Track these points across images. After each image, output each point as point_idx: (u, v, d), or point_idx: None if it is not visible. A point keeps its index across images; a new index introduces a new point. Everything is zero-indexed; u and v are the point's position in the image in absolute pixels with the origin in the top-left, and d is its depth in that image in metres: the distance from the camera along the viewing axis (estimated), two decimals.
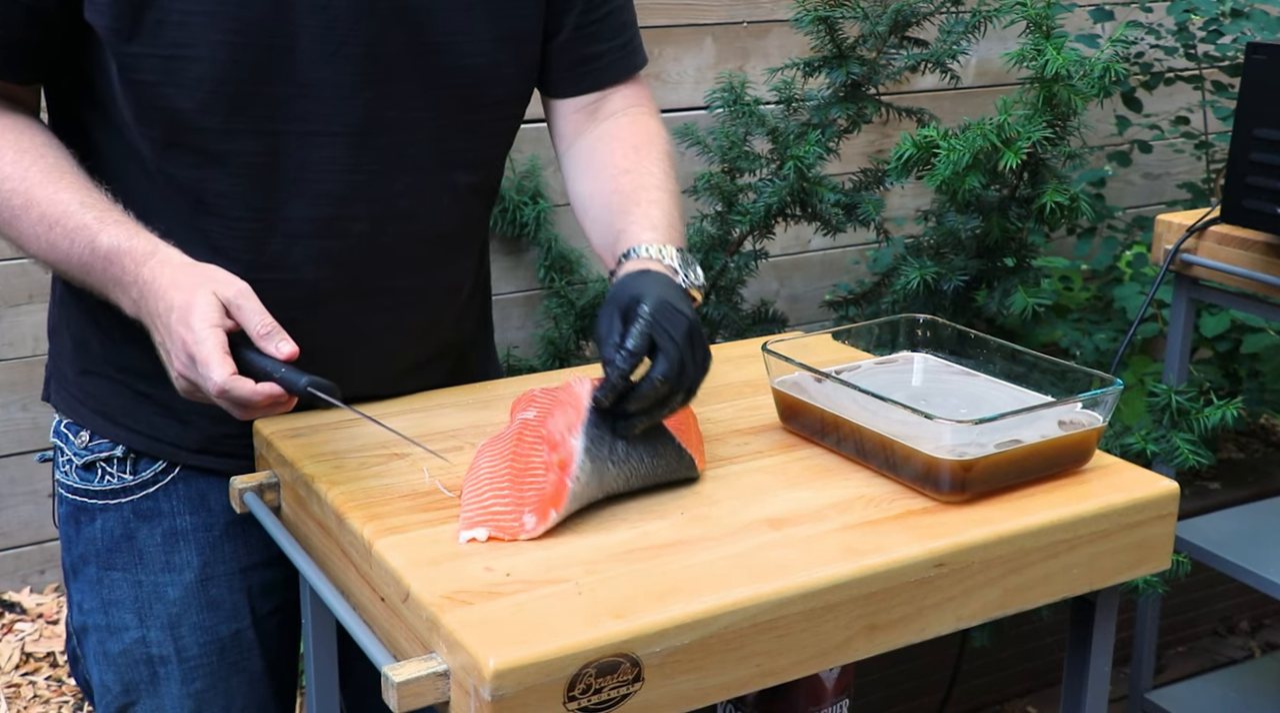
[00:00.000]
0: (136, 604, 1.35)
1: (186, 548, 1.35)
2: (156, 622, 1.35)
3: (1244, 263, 2.03)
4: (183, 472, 1.35)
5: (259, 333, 1.12)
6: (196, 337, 1.10)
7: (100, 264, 1.17)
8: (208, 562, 1.35)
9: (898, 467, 1.16)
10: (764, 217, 2.28)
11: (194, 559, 1.35)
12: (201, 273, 1.15)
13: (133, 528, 1.35)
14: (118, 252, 1.16)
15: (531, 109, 1.40)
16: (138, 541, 1.35)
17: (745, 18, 2.93)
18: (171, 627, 1.35)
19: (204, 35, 1.16)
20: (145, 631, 1.35)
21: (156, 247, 1.17)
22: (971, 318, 2.28)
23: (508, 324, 2.89)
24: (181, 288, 1.13)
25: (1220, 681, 2.56)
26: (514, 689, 0.90)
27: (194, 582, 1.35)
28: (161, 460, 1.34)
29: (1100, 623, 1.21)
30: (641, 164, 1.37)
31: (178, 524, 1.35)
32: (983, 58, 3.09)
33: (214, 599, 1.36)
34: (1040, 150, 2.10)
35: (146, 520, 1.35)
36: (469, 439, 1.26)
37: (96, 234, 1.17)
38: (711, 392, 1.38)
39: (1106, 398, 1.20)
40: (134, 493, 1.35)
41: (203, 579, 1.35)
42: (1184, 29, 2.97)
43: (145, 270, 1.15)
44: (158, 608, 1.35)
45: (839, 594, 1.02)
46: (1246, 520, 2.33)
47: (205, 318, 1.10)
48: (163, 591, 1.35)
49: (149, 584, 1.35)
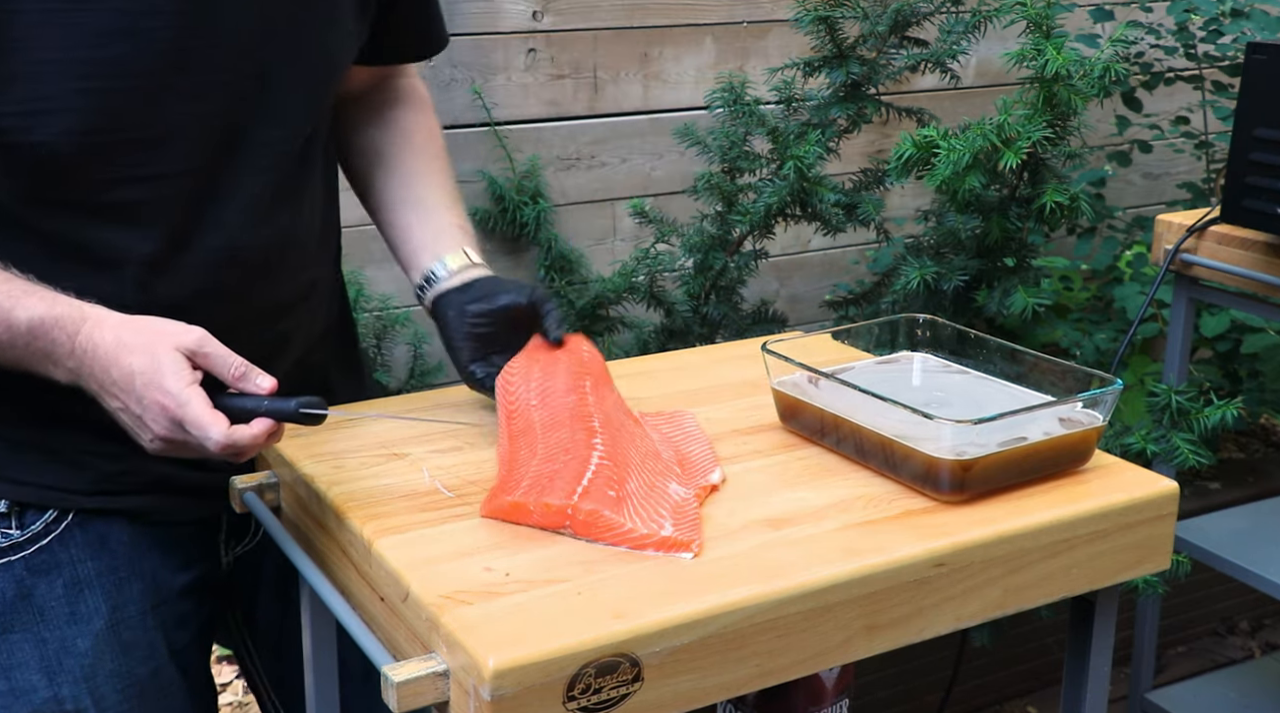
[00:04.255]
0: (43, 663, 1.26)
1: (92, 595, 1.27)
2: (68, 677, 1.26)
3: (1244, 263, 2.03)
4: (78, 517, 1.27)
5: (234, 376, 1.10)
6: (179, 400, 1.07)
7: (23, 340, 1.12)
8: (116, 605, 1.28)
9: (897, 467, 1.16)
10: (764, 217, 2.28)
11: (102, 606, 1.27)
12: (148, 328, 1.11)
13: (28, 585, 1.26)
14: (42, 325, 1.11)
15: (531, 109, 1.40)
16: (35, 598, 1.26)
17: (745, 18, 2.93)
18: (86, 679, 1.26)
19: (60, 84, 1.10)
20: (56, 688, 1.26)
21: (83, 311, 1.12)
22: (971, 318, 2.28)
23: None
24: (134, 350, 1.09)
25: (1220, 681, 2.56)
26: (514, 689, 0.90)
27: (104, 628, 1.27)
28: (52, 509, 1.27)
29: (1100, 623, 1.21)
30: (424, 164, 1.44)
31: (79, 572, 1.27)
32: (983, 58, 3.09)
33: (127, 643, 1.29)
34: (1040, 150, 2.10)
35: (44, 575, 1.26)
36: (468, 439, 1.26)
37: (11, 311, 1.11)
38: (712, 392, 1.38)
39: (1106, 398, 1.20)
40: (25, 548, 1.26)
41: (113, 624, 1.28)
42: (1184, 29, 2.97)
43: (81, 338, 1.11)
44: (68, 663, 1.26)
45: (839, 594, 1.02)
46: (1246, 520, 2.33)
47: (179, 378, 1.08)
48: (71, 644, 1.26)
49: (54, 641, 1.26)
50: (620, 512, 1.07)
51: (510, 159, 2.71)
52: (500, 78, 2.68)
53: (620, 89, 2.80)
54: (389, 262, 1.44)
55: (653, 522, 1.07)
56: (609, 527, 1.06)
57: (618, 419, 1.21)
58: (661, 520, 1.07)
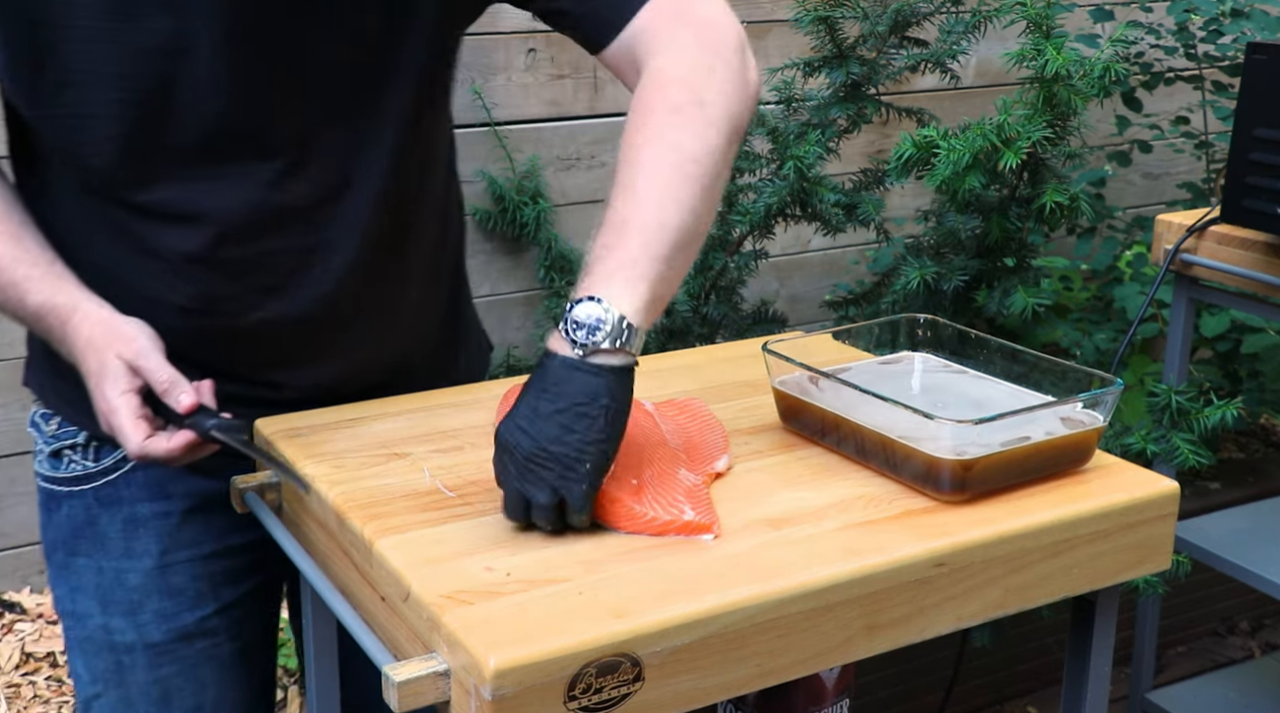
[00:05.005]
0: (99, 591, 1.35)
1: (146, 535, 1.34)
2: (118, 609, 1.34)
3: (1244, 263, 2.03)
4: None
5: (160, 391, 1.17)
6: (110, 406, 1.17)
7: (32, 320, 1.23)
8: (166, 549, 1.34)
9: (898, 467, 1.16)
10: (764, 217, 2.28)
11: (153, 546, 1.34)
12: (112, 331, 1.19)
13: (95, 514, 1.35)
14: (43, 310, 1.21)
15: (531, 109, 1.40)
16: (99, 526, 1.35)
17: (745, 18, 2.92)
18: (133, 613, 1.34)
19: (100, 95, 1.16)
20: (108, 618, 1.34)
21: (77, 303, 1.21)
22: (971, 318, 2.28)
23: (508, 324, 2.89)
24: (96, 349, 1.18)
25: (1220, 681, 2.56)
26: (514, 689, 0.90)
27: (154, 568, 1.34)
28: (121, 448, 1.32)
29: (1100, 623, 1.21)
30: (628, 155, 1.14)
31: (137, 511, 1.34)
32: (983, 58, 3.09)
33: (175, 586, 1.35)
34: (1040, 150, 2.11)
35: (107, 507, 1.35)
36: (469, 439, 1.26)
37: (25, 293, 1.21)
38: (712, 392, 1.38)
39: (1107, 398, 1.20)
40: (96, 480, 1.35)
41: (162, 566, 1.34)
42: (1184, 29, 2.97)
43: (70, 328, 1.20)
44: (119, 594, 1.34)
45: (839, 594, 1.02)
46: (1246, 520, 2.33)
47: (115, 384, 1.17)
48: (124, 577, 1.34)
49: (110, 570, 1.34)
50: (641, 500, 1.08)
51: (510, 159, 2.72)
52: (500, 78, 2.68)
53: (620, 89, 2.79)
54: None
55: (673, 507, 1.08)
56: (631, 515, 1.07)
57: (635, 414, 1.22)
58: (681, 505, 1.08)
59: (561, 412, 1.04)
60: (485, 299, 2.80)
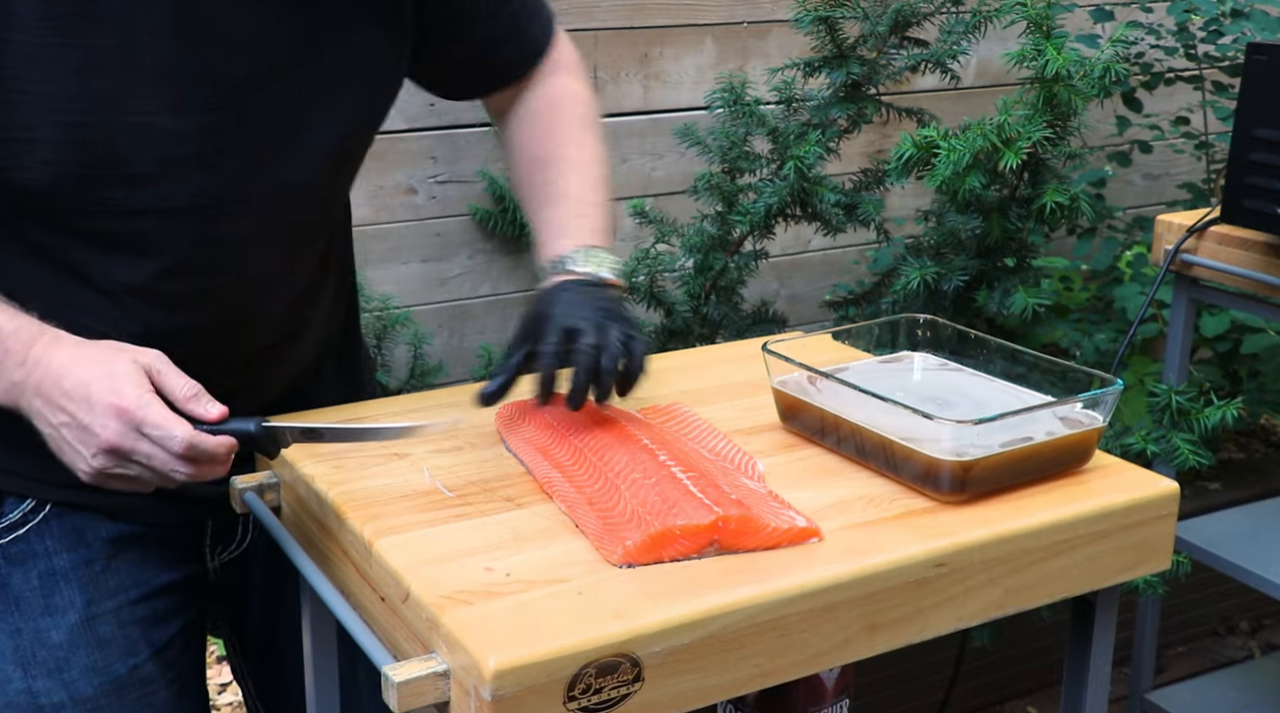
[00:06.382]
0: (17, 654, 1.26)
1: (67, 588, 1.27)
2: (41, 670, 1.26)
3: (1244, 263, 2.03)
4: (55, 509, 1.27)
5: (184, 397, 1.10)
6: (138, 403, 1.07)
7: None
8: (91, 599, 1.27)
9: (898, 467, 1.16)
10: (764, 217, 2.28)
11: (76, 599, 1.27)
12: (107, 346, 1.12)
13: (4, 574, 1.27)
14: (1, 332, 1.12)
15: None
16: (11, 587, 1.26)
17: (745, 18, 2.93)
18: (60, 673, 1.26)
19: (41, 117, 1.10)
20: (30, 681, 1.26)
21: (43, 328, 1.13)
22: (971, 318, 2.28)
23: (508, 324, 2.89)
24: (92, 361, 1.09)
25: (1220, 681, 2.56)
26: (514, 689, 0.90)
27: (79, 622, 1.27)
28: (30, 499, 1.27)
29: (1100, 623, 1.21)
30: (551, 148, 1.40)
31: (55, 564, 1.27)
32: (983, 58, 3.09)
33: (103, 637, 1.28)
34: (1040, 150, 2.10)
35: (19, 564, 1.27)
36: (468, 439, 1.26)
37: None
38: (712, 392, 1.38)
39: (1107, 398, 1.20)
40: (1, 536, 1.27)
41: (88, 619, 1.27)
42: (1184, 29, 2.97)
43: (37, 350, 1.11)
44: (41, 655, 1.26)
45: (839, 594, 1.02)
46: (1246, 520, 2.33)
47: (138, 385, 1.08)
48: (45, 636, 1.26)
49: (29, 632, 1.26)
50: (755, 514, 1.06)
51: None
52: None
53: (620, 89, 2.80)
54: (389, 262, 1.44)
55: (778, 517, 1.06)
56: (756, 530, 1.04)
57: (651, 431, 1.21)
58: (784, 513, 1.07)
59: (602, 309, 1.21)
60: (485, 299, 2.80)
